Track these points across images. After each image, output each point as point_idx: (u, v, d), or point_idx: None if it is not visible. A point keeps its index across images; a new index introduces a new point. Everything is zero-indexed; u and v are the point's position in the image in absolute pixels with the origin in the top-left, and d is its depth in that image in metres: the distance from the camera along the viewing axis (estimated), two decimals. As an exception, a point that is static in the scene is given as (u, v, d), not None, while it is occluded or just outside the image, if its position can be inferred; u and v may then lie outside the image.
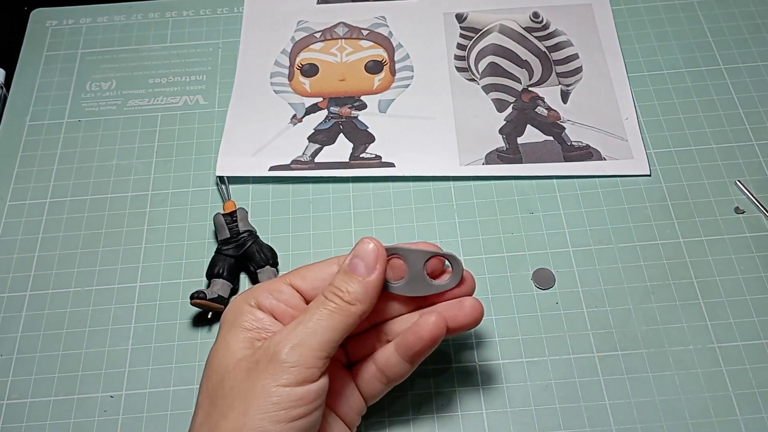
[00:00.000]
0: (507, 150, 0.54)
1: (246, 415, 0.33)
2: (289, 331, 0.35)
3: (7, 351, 0.47)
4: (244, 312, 0.37)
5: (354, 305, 0.36)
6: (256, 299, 0.37)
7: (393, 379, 0.39)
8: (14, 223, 0.52)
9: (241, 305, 0.37)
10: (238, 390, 0.34)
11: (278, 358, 0.34)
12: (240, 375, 0.34)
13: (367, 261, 0.37)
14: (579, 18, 0.61)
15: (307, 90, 0.58)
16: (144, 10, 0.64)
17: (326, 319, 0.35)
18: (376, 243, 0.37)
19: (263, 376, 0.33)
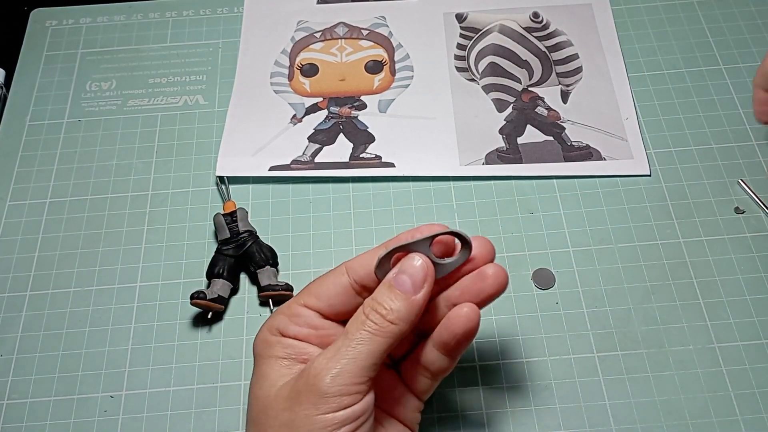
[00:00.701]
0: (507, 150, 0.54)
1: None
2: (328, 358, 0.33)
3: (7, 351, 0.47)
4: (272, 343, 0.36)
5: (396, 325, 0.34)
6: (278, 328, 0.37)
7: (438, 374, 0.38)
8: (14, 223, 0.52)
9: (267, 337, 0.37)
10: (282, 420, 0.33)
11: (319, 389, 0.33)
12: (282, 404, 0.33)
13: (415, 279, 0.35)
14: (579, 18, 0.61)
15: (307, 90, 0.58)
16: (144, 10, 0.64)
17: (367, 343, 0.34)
18: (425, 260, 0.35)
19: (305, 406, 0.33)
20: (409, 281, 0.35)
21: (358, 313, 0.35)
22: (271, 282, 0.47)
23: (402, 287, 0.35)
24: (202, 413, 0.44)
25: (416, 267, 0.35)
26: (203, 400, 0.45)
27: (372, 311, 0.34)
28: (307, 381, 0.33)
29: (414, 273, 0.35)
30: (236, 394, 0.45)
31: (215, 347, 0.47)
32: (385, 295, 0.35)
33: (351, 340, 0.34)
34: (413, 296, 0.35)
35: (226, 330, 0.47)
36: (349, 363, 0.33)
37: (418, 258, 0.35)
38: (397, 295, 0.35)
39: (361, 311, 0.35)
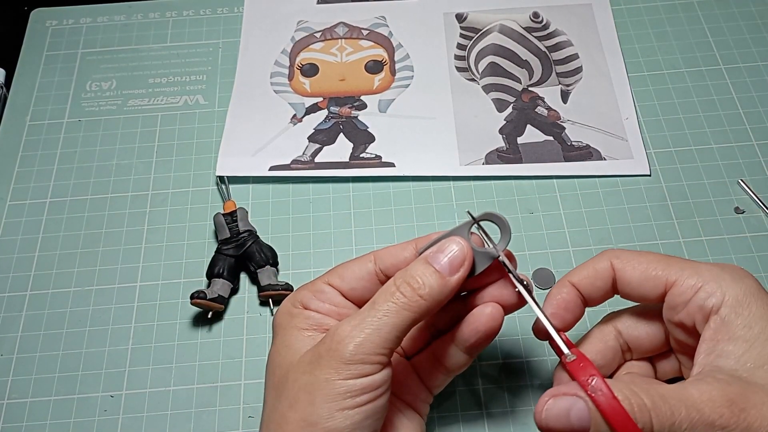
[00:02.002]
0: (507, 150, 0.54)
1: (312, 404, 0.33)
2: (353, 326, 0.33)
3: (7, 351, 0.47)
4: (294, 315, 0.37)
5: (425, 301, 0.34)
6: (301, 302, 0.37)
7: (453, 370, 0.38)
8: (14, 223, 0.52)
9: (290, 309, 0.37)
10: (302, 382, 0.33)
11: (341, 355, 0.33)
12: (303, 368, 0.34)
13: (453, 260, 0.35)
14: (579, 18, 0.61)
15: (307, 90, 0.58)
16: (144, 10, 0.64)
17: (393, 315, 0.33)
18: (465, 244, 0.35)
19: (326, 371, 0.33)
20: (447, 261, 0.35)
21: (388, 285, 0.35)
22: (271, 282, 0.47)
23: (439, 265, 0.35)
24: (202, 413, 0.44)
25: (455, 249, 0.35)
26: (203, 400, 0.45)
27: (404, 283, 0.34)
28: (330, 346, 0.33)
29: (452, 254, 0.35)
30: (236, 393, 0.45)
31: (215, 347, 0.47)
32: (419, 269, 0.35)
33: (377, 311, 0.34)
34: (448, 277, 0.35)
35: (226, 330, 0.47)
36: (373, 333, 0.33)
37: (459, 241, 0.35)
38: (432, 272, 0.34)
39: (392, 283, 0.35)
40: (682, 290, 0.34)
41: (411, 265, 0.35)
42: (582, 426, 0.30)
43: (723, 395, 0.30)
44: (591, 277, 0.37)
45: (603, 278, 0.37)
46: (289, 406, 0.33)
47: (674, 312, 0.35)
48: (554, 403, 0.31)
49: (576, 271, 0.38)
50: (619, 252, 0.37)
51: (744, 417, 0.30)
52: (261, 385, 0.45)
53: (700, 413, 0.30)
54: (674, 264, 0.35)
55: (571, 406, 0.30)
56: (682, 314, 0.34)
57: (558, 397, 0.31)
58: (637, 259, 0.36)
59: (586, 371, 0.31)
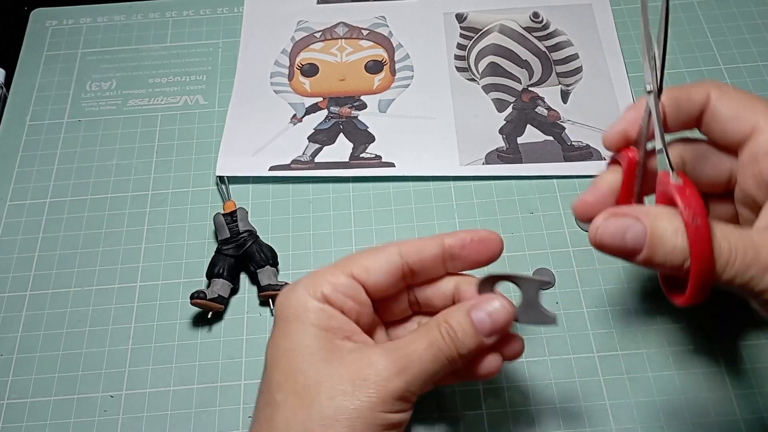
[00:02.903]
0: (507, 150, 0.54)
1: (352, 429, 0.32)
2: (400, 370, 0.33)
3: (7, 351, 0.47)
4: (310, 308, 0.34)
5: (460, 358, 0.34)
6: (324, 294, 0.34)
7: None
8: (14, 223, 0.52)
9: (305, 299, 0.34)
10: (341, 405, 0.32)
11: (393, 390, 0.32)
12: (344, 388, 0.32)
13: (496, 326, 0.34)
14: (579, 18, 0.61)
15: (307, 90, 0.58)
16: (144, 10, 0.64)
17: (435, 362, 0.33)
18: (511, 310, 0.35)
19: (374, 400, 0.32)
20: (490, 326, 0.34)
21: (433, 328, 0.34)
22: (271, 282, 0.47)
23: (479, 325, 0.34)
24: (202, 413, 0.44)
25: (501, 313, 0.34)
26: (203, 400, 0.45)
27: (446, 333, 0.34)
28: (381, 376, 0.32)
29: (497, 319, 0.34)
30: (236, 393, 0.45)
31: (215, 347, 0.46)
32: (462, 326, 0.34)
33: (427, 352, 0.33)
34: (484, 338, 0.34)
35: (226, 330, 0.47)
36: (421, 374, 0.33)
37: (507, 306, 0.35)
38: (474, 332, 0.34)
39: (437, 327, 0.34)
40: (766, 139, 0.32)
41: (451, 313, 0.34)
42: (636, 247, 0.30)
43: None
44: (682, 99, 0.35)
45: (694, 104, 0.34)
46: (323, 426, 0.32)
47: (754, 160, 0.33)
48: (613, 221, 0.30)
49: (668, 90, 0.35)
50: (721, 84, 0.35)
51: None
52: (261, 385, 0.45)
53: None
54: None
55: (628, 227, 0.30)
56: (763, 164, 0.32)
57: (618, 217, 0.30)
58: (736, 95, 0.34)
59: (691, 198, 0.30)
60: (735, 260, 0.29)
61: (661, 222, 0.30)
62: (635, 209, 0.31)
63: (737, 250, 0.29)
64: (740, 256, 0.29)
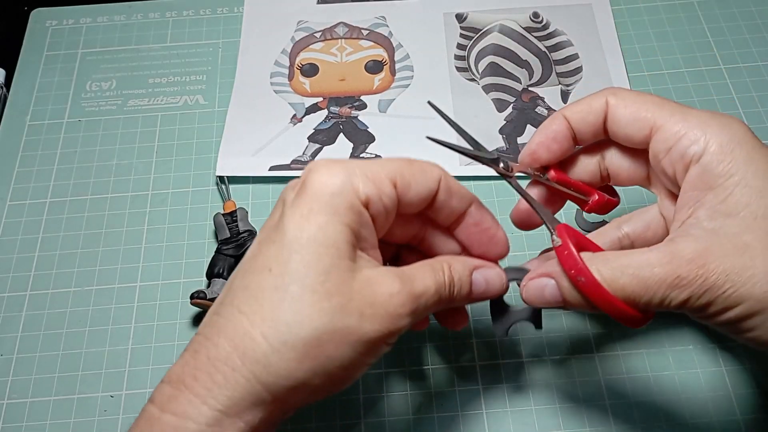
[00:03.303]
0: (507, 150, 0.54)
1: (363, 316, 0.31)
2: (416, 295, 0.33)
3: (7, 351, 0.47)
4: (351, 207, 0.31)
5: (455, 299, 0.35)
6: (367, 195, 0.32)
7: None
8: (14, 223, 0.52)
9: (349, 196, 0.31)
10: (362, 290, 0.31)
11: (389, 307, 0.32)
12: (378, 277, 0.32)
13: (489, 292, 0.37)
14: (579, 18, 0.61)
15: (307, 90, 0.58)
16: (144, 10, 0.64)
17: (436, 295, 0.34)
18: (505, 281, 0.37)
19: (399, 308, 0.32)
20: (483, 290, 0.36)
21: (437, 268, 0.35)
22: (271, 282, 0.47)
23: (475, 285, 0.36)
24: (202, 413, 0.44)
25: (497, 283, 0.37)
26: (203, 400, 0.45)
27: (449, 276, 0.35)
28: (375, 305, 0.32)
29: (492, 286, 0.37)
30: (236, 394, 0.45)
31: (215, 347, 0.46)
32: (462, 275, 0.35)
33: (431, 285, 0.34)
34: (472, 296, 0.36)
35: (226, 330, 0.47)
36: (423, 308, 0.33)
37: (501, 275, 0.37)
38: (468, 288, 0.36)
39: (440, 268, 0.35)
40: (666, 136, 0.33)
41: (456, 266, 0.35)
42: (555, 300, 0.34)
43: (686, 253, 0.30)
44: (584, 112, 0.36)
45: (596, 114, 0.36)
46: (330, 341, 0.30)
47: (657, 159, 0.34)
48: (532, 283, 0.35)
49: (571, 106, 0.37)
50: (618, 90, 0.36)
51: (702, 273, 0.30)
52: (261, 385, 0.45)
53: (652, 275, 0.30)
54: (666, 108, 0.34)
55: (544, 286, 0.34)
56: (665, 161, 0.33)
57: (533, 279, 0.35)
58: (632, 98, 0.35)
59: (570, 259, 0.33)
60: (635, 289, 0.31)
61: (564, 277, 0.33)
62: (546, 267, 0.34)
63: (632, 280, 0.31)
64: (638, 284, 0.31)
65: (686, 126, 0.32)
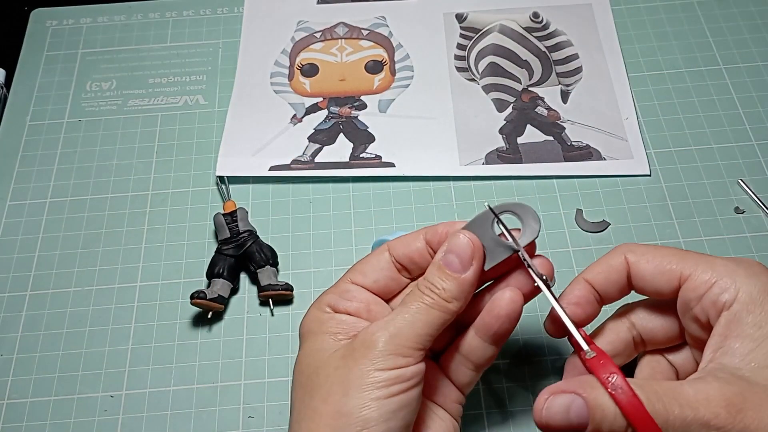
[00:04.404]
0: (507, 150, 0.54)
1: (347, 395, 0.32)
2: (386, 322, 0.34)
3: (7, 351, 0.47)
4: (324, 320, 0.36)
5: (450, 303, 0.34)
6: (329, 304, 0.37)
7: (480, 364, 0.37)
8: (14, 223, 0.52)
9: (318, 314, 0.36)
10: (335, 376, 0.33)
11: (375, 346, 0.33)
12: (336, 363, 0.34)
13: (462, 257, 0.35)
14: (579, 18, 0.61)
15: (307, 90, 0.58)
16: (144, 10, 0.64)
17: (423, 313, 0.34)
18: (470, 236, 0.35)
19: (361, 362, 0.33)
20: (457, 260, 0.35)
21: (415, 289, 0.35)
22: (271, 282, 0.47)
23: (450, 267, 0.35)
24: (202, 413, 0.44)
25: (463, 245, 0.35)
26: (203, 400, 0.45)
27: (426, 288, 0.35)
28: (364, 340, 0.34)
29: (461, 251, 0.35)
30: (236, 393, 0.45)
31: (215, 347, 0.46)
32: (435, 275, 0.35)
33: (409, 308, 0.34)
34: (462, 275, 0.35)
35: (226, 330, 0.47)
36: (406, 327, 0.34)
37: (463, 236, 0.35)
38: (447, 275, 0.35)
39: (416, 288, 0.35)
40: (695, 285, 0.34)
41: (427, 273, 0.35)
42: (581, 423, 0.30)
43: (721, 395, 0.30)
44: (605, 273, 0.37)
45: (618, 273, 0.36)
46: (322, 400, 0.33)
47: (688, 307, 0.34)
48: (554, 400, 0.31)
49: (591, 268, 0.37)
50: (633, 246, 0.37)
51: (741, 418, 0.30)
52: (261, 384, 0.45)
53: (694, 412, 0.30)
54: (689, 258, 0.35)
55: (570, 403, 0.31)
56: (696, 309, 0.34)
57: (557, 395, 0.31)
58: (651, 252, 0.36)
59: (606, 368, 0.31)
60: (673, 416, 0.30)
61: (598, 391, 0.31)
62: (573, 383, 0.32)
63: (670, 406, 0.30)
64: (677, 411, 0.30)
65: (715, 274, 0.34)
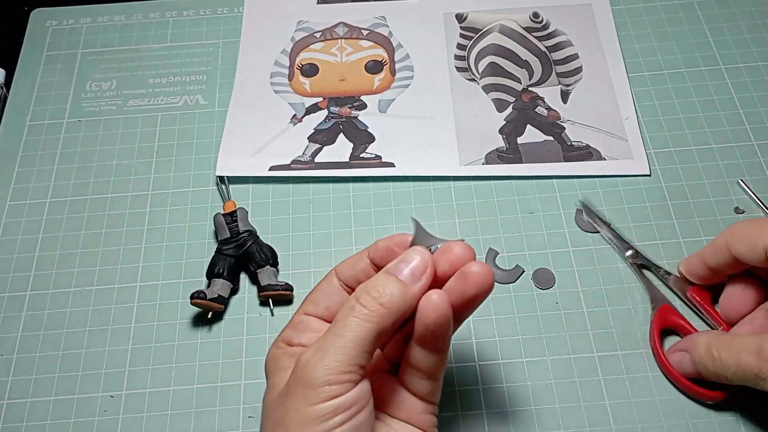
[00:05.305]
0: (507, 150, 0.54)
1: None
2: (315, 350, 0.33)
3: (7, 351, 0.47)
4: (278, 356, 0.36)
5: (387, 309, 0.33)
6: (284, 339, 0.37)
7: (431, 372, 0.36)
8: (14, 223, 0.52)
9: (274, 351, 0.37)
10: (275, 417, 0.33)
11: (307, 381, 0.32)
12: (277, 402, 0.33)
13: (415, 268, 0.34)
14: (579, 18, 0.61)
15: (307, 90, 0.58)
16: (144, 10, 0.64)
17: (355, 330, 0.32)
18: (427, 253, 0.34)
19: (296, 399, 0.32)
20: (408, 270, 0.34)
21: (348, 301, 0.34)
22: (271, 282, 0.47)
23: (399, 273, 0.34)
24: (202, 413, 0.44)
25: (417, 259, 0.34)
26: (203, 400, 0.45)
27: (364, 294, 0.33)
28: (296, 375, 0.33)
29: (415, 264, 0.34)
30: (236, 393, 0.45)
31: (215, 347, 0.47)
32: (380, 278, 0.34)
33: (339, 329, 0.33)
34: (411, 285, 0.34)
35: (226, 330, 0.47)
36: (337, 352, 0.32)
37: (421, 249, 0.35)
38: (394, 281, 0.34)
39: (351, 297, 0.34)
40: None
41: (373, 278, 0.34)
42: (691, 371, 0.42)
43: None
44: None
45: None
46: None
47: None
48: (672, 357, 0.43)
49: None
50: None
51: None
52: (261, 385, 0.45)
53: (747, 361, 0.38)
54: None
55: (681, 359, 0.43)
56: None
57: (672, 353, 0.44)
58: None
59: None
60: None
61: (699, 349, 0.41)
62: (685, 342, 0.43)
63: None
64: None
65: None
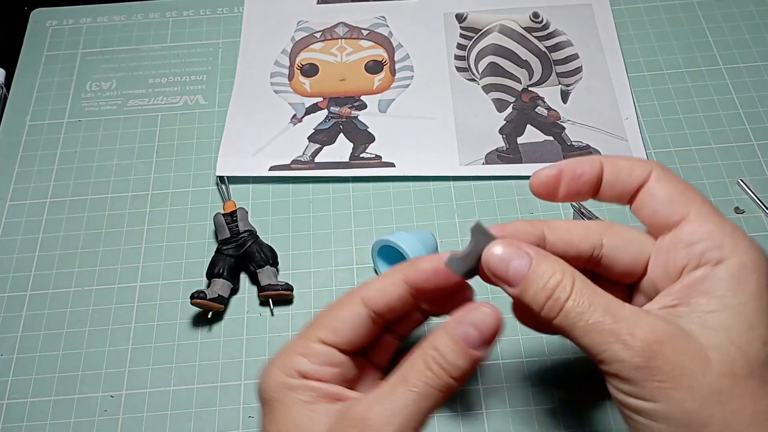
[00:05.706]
0: (507, 150, 0.54)
1: None
2: (389, 412, 0.30)
3: (7, 351, 0.47)
4: (294, 387, 0.32)
5: (457, 383, 0.30)
6: (297, 369, 0.32)
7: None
8: (14, 223, 0.52)
9: (285, 380, 0.32)
10: None
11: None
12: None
13: (485, 335, 0.30)
14: (579, 18, 0.61)
15: (307, 90, 0.58)
16: (144, 10, 0.64)
17: (426, 399, 0.30)
18: (496, 312, 0.31)
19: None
20: (479, 337, 0.30)
21: (417, 361, 0.31)
22: (271, 282, 0.47)
23: (469, 342, 0.30)
24: (202, 413, 0.44)
25: (489, 323, 0.30)
26: (203, 400, 0.45)
27: (434, 362, 0.30)
28: (358, 421, 0.30)
29: (485, 327, 0.30)
30: (236, 393, 0.45)
31: (215, 347, 0.47)
32: (449, 348, 0.30)
33: (412, 392, 0.30)
34: (478, 354, 0.30)
35: (226, 330, 0.47)
36: (410, 419, 0.30)
37: (489, 309, 0.31)
38: (462, 350, 0.30)
39: (421, 359, 0.31)
40: (694, 229, 0.32)
41: (438, 340, 0.31)
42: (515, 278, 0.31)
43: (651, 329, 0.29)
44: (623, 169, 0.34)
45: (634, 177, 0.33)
46: None
47: (671, 248, 0.32)
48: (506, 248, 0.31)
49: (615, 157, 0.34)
50: (666, 168, 0.34)
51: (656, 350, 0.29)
52: (261, 385, 0.45)
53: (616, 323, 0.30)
54: (706, 206, 0.33)
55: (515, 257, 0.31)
56: (678, 254, 0.32)
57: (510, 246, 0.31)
58: (676, 182, 0.33)
59: None
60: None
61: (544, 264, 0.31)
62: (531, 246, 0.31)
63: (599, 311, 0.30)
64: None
65: (720, 231, 0.32)
